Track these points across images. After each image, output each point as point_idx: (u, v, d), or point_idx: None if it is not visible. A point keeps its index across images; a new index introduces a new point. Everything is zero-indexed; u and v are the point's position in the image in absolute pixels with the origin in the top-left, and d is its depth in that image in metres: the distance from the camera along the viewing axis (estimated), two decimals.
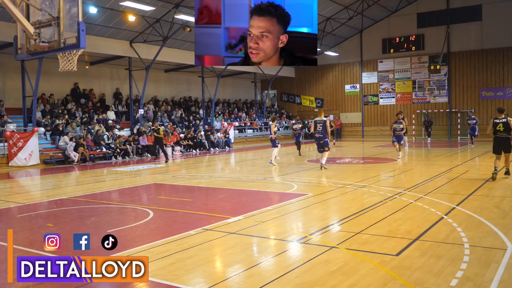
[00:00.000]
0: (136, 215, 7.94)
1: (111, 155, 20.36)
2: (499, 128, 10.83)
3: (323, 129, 13.58)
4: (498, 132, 10.84)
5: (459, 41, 30.51)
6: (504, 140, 10.79)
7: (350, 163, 16.30)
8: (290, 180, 11.98)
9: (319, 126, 13.63)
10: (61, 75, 19.83)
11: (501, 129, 10.79)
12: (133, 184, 12.35)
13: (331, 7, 28.44)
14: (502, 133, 10.76)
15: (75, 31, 7.15)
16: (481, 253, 5.25)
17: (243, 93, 36.72)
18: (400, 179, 11.99)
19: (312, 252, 5.49)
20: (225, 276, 4.71)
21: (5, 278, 4.78)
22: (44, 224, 7.54)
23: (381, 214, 7.50)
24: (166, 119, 26.25)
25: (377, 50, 33.44)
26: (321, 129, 13.60)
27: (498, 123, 10.86)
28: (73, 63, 7.73)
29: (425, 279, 4.44)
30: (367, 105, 34.56)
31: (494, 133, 10.91)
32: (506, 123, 10.77)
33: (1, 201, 9.97)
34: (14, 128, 18.57)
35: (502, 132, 10.76)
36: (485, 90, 30.09)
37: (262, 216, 7.50)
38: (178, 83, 30.91)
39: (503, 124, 10.79)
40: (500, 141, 10.85)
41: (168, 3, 21.18)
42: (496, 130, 10.86)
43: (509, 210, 7.62)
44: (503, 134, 10.77)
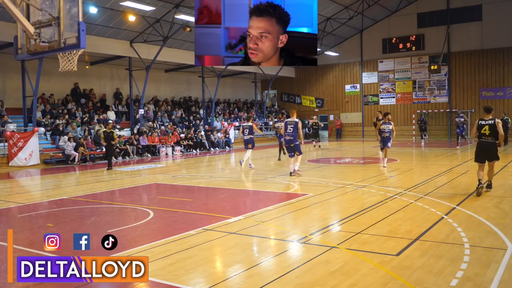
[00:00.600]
0: (136, 215, 7.94)
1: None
2: (484, 131, 8.82)
3: (294, 131, 12.31)
4: (483, 136, 8.85)
5: (459, 41, 30.50)
6: (489, 146, 8.81)
7: (350, 163, 16.30)
8: (290, 180, 11.98)
9: (290, 128, 12.36)
10: (61, 75, 19.84)
11: (486, 132, 8.78)
12: (133, 184, 12.35)
13: (331, 7, 28.44)
14: (488, 137, 8.77)
15: (75, 31, 7.15)
16: (481, 253, 5.24)
17: (243, 93, 36.72)
18: (400, 179, 11.98)
19: (312, 252, 5.49)
20: (225, 276, 4.71)
21: (5, 278, 4.78)
22: (44, 224, 7.54)
23: (381, 214, 7.50)
24: (166, 119, 26.26)
25: (377, 50, 33.44)
26: (291, 130, 12.32)
27: (483, 125, 8.85)
28: (73, 63, 7.74)
29: (425, 279, 4.44)
30: (367, 105, 34.56)
31: (479, 137, 8.96)
32: (494, 125, 8.75)
33: (1, 201, 9.98)
34: (14, 128, 18.57)
35: (488, 137, 8.77)
36: (485, 90, 30.08)
37: (262, 216, 7.49)
38: (178, 83, 30.92)
39: (490, 126, 8.76)
40: (485, 147, 8.85)
41: (168, 3, 21.18)
42: (481, 133, 8.85)
43: (509, 210, 7.62)
44: (488, 139, 8.78)
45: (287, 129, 12.39)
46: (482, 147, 8.90)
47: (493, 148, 8.79)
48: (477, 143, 9.03)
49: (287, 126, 12.47)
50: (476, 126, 8.96)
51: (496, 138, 8.75)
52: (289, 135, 12.35)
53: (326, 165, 16.35)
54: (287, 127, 12.43)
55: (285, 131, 12.51)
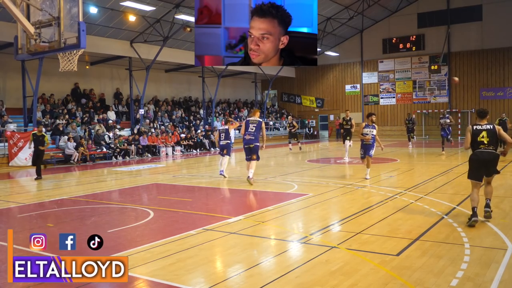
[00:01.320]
0: (136, 215, 7.94)
1: (111, 155, 20.38)
2: (481, 138, 6.90)
3: (256, 131, 11.20)
4: (481, 144, 6.90)
5: (460, 41, 30.50)
6: (490, 158, 6.87)
7: (350, 163, 16.29)
8: (290, 180, 11.98)
9: (252, 127, 11.25)
10: (61, 75, 19.84)
11: (485, 140, 6.88)
12: (134, 184, 12.35)
13: (331, 7, 28.43)
14: (488, 146, 6.85)
15: (76, 31, 7.15)
16: (482, 253, 5.24)
17: (243, 93, 36.72)
18: (400, 179, 11.98)
19: (313, 252, 5.49)
20: (226, 276, 4.71)
21: (5, 278, 4.78)
22: (44, 224, 7.54)
23: (381, 214, 7.50)
24: (166, 119, 26.26)
25: (378, 50, 33.44)
26: (253, 130, 11.22)
27: (480, 132, 6.92)
28: (73, 63, 7.73)
29: (425, 279, 4.43)
30: (367, 105, 34.56)
31: (474, 146, 6.96)
32: (494, 131, 6.90)
33: (2, 201, 9.98)
34: (15, 128, 18.58)
35: (487, 145, 6.86)
36: (485, 90, 30.08)
37: (262, 216, 7.49)
38: (179, 83, 30.92)
39: (488, 132, 6.88)
40: (485, 159, 6.85)
41: (169, 3, 21.18)
42: (478, 141, 6.91)
43: (509, 210, 7.62)
44: (488, 148, 6.85)
45: (249, 128, 11.21)
46: (480, 159, 6.89)
47: (495, 159, 6.93)
48: (473, 155, 7.00)
49: (248, 125, 11.28)
50: (470, 133, 6.96)
51: (496, 147, 6.97)
52: (250, 135, 11.18)
53: (326, 165, 16.35)
54: (248, 126, 11.26)
55: (245, 130, 11.26)
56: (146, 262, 5.15)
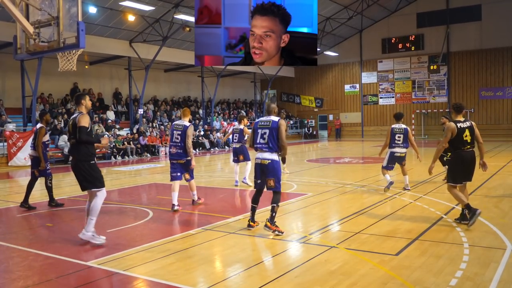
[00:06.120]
0: (135, 214, 7.94)
1: (110, 155, 20.37)
2: (466, 137, 6.44)
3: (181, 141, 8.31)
4: (466, 144, 6.45)
5: (459, 41, 30.53)
6: (473, 159, 6.54)
7: (350, 163, 16.30)
8: (290, 180, 11.98)
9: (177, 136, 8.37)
10: (60, 74, 19.84)
11: (468, 139, 6.45)
12: (133, 184, 12.35)
13: (331, 7, 28.45)
14: (471, 146, 6.54)
15: (75, 31, 7.13)
16: (481, 252, 5.25)
17: (242, 93, 36.73)
18: (400, 179, 11.98)
19: (312, 252, 5.49)
20: (225, 276, 4.71)
21: (5, 278, 4.78)
22: (44, 224, 7.53)
23: (381, 213, 7.51)
24: (165, 119, 26.26)
25: (377, 50, 33.47)
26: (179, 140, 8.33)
27: (464, 130, 6.44)
28: (72, 63, 7.72)
29: (424, 279, 4.44)
30: (366, 105, 34.58)
31: (457, 146, 6.53)
32: (472, 129, 6.53)
33: (1, 201, 9.97)
34: (14, 128, 18.58)
35: (470, 145, 6.52)
36: (484, 90, 30.12)
37: (262, 216, 7.49)
38: (178, 83, 30.92)
39: (470, 130, 6.48)
40: (469, 160, 6.51)
41: (168, 3, 21.18)
42: (463, 140, 6.44)
43: (509, 210, 7.63)
44: (471, 148, 6.54)
45: (173, 137, 8.41)
46: (465, 160, 6.49)
47: (475, 160, 6.57)
48: (457, 156, 6.55)
49: (173, 132, 8.46)
50: (455, 132, 6.43)
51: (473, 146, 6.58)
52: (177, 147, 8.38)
53: (325, 164, 16.36)
54: (173, 134, 8.43)
55: (171, 140, 8.55)
56: (145, 261, 5.15)
